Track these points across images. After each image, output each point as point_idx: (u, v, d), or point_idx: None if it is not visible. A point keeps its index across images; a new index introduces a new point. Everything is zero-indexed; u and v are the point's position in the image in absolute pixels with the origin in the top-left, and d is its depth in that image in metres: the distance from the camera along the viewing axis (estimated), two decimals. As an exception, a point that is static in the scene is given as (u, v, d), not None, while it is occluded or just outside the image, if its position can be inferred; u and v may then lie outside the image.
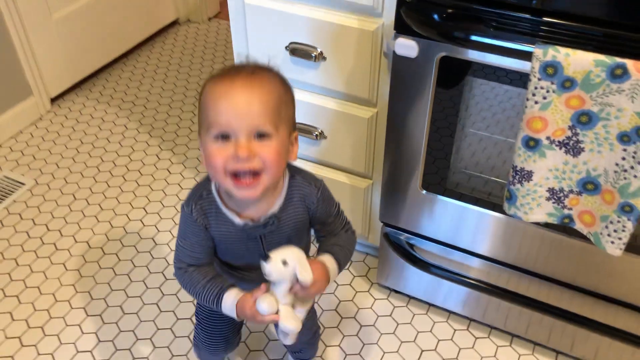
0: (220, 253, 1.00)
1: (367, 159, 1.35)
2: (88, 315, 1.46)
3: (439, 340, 1.42)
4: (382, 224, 1.40)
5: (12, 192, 1.81)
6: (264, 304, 0.88)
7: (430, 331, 1.44)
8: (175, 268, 0.98)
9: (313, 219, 0.99)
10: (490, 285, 1.35)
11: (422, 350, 1.40)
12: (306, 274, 0.88)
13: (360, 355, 1.39)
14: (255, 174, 0.84)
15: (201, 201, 0.93)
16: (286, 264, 0.87)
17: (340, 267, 0.97)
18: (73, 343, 1.40)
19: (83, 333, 1.42)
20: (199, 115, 0.87)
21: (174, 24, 2.68)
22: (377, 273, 1.50)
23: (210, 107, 0.83)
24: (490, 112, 1.13)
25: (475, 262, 1.33)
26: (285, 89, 0.88)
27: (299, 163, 1.45)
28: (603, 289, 1.20)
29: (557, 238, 1.17)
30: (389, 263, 1.45)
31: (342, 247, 0.99)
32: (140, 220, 1.71)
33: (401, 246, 1.40)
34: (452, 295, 1.41)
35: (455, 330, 1.44)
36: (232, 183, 0.84)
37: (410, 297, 1.51)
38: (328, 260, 0.95)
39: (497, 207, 1.19)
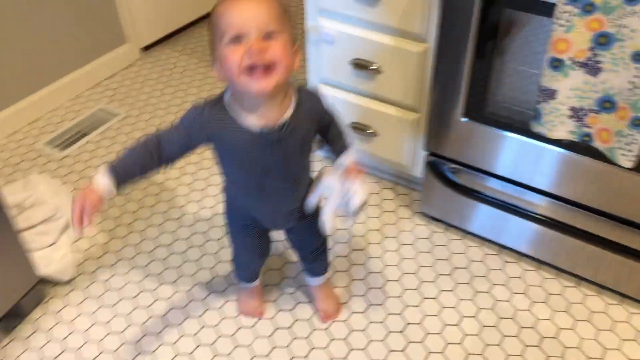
0: (236, 169, 1.11)
1: (417, 92, 1.53)
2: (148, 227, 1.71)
3: (471, 261, 1.58)
4: (426, 153, 1.57)
5: (107, 121, 2.10)
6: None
7: (464, 253, 1.60)
8: (153, 133, 1.06)
9: (322, 128, 1.14)
10: (528, 212, 1.48)
11: (455, 267, 1.56)
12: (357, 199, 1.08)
13: (398, 267, 1.57)
14: (267, 68, 0.95)
15: (213, 111, 1.02)
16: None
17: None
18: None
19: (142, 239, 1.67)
20: (212, 32, 0.98)
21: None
22: (420, 201, 1.68)
23: (223, 17, 0.94)
24: (527, 45, 1.28)
25: (512, 190, 1.48)
26: (284, 9, 0.99)
27: (354, 98, 1.65)
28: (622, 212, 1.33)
29: (590, 164, 1.31)
30: (431, 191, 1.62)
31: (343, 138, 1.17)
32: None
33: (443, 174, 1.57)
34: (489, 222, 1.56)
35: (486, 254, 1.60)
36: (247, 78, 0.95)
37: (449, 225, 1.67)
38: (351, 154, 1.14)
39: (531, 134, 1.34)
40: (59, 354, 1.38)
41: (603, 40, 1.09)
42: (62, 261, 1.55)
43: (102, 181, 1.02)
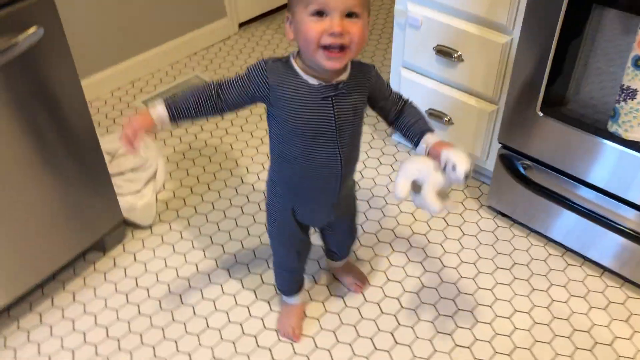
0: (291, 125, 1.07)
1: (497, 84, 1.53)
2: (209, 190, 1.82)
3: (532, 259, 1.57)
4: (500, 146, 1.57)
5: (200, 87, 2.23)
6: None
7: (526, 250, 1.59)
8: (214, 81, 1.09)
9: (376, 96, 1.13)
10: (597, 216, 1.45)
11: (515, 263, 1.56)
12: (461, 168, 1.01)
13: (458, 255, 1.59)
14: (342, 48, 0.97)
15: (279, 63, 1.05)
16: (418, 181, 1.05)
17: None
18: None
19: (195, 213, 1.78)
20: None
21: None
22: (489, 195, 1.68)
23: None
24: (612, 43, 1.26)
25: (582, 191, 1.45)
26: None
27: (433, 84, 1.68)
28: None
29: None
30: (500, 185, 1.62)
31: (424, 118, 1.16)
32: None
33: (514, 168, 1.57)
34: (555, 222, 1.54)
35: (550, 254, 1.58)
36: (323, 54, 0.97)
37: (515, 221, 1.67)
38: (438, 139, 1.11)
39: (607, 135, 1.32)
40: (132, 290, 1.51)
41: (692, 42, 1.06)
42: (144, 208, 1.69)
43: (158, 109, 1.06)
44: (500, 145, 1.57)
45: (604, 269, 1.53)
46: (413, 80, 1.71)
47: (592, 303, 1.46)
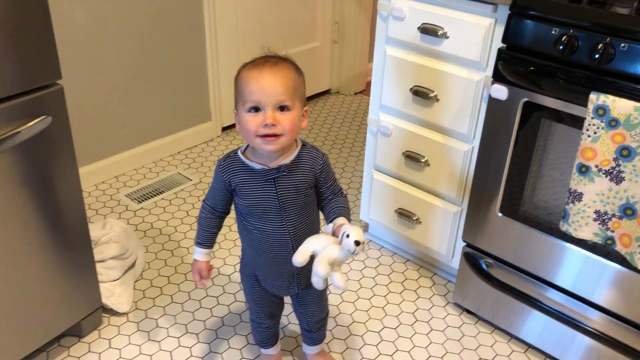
0: (244, 205, 1.25)
1: (460, 187, 1.68)
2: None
3: (496, 354, 1.64)
4: (464, 245, 1.69)
5: (182, 184, 2.34)
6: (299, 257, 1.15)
7: (491, 346, 1.66)
8: (203, 201, 1.33)
9: (318, 182, 1.27)
10: (555, 312, 1.54)
11: (480, 359, 1.62)
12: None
13: (426, 349, 1.64)
14: (277, 136, 1.15)
15: (228, 159, 1.25)
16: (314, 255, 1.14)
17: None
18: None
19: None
20: (236, 94, 1.18)
21: (327, 92, 3.25)
22: (454, 292, 1.77)
23: (245, 87, 1.14)
24: (559, 152, 1.43)
25: (543, 289, 1.56)
26: (299, 74, 1.20)
27: (403, 186, 1.82)
28: (644, 321, 1.38)
29: (625, 273, 1.39)
30: (465, 282, 1.71)
31: (346, 208, 1.27)
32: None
33: (478, 266, 1.67)
34: (518, 319, 1.63)
35: (513, 350, 1.65)
36: (261, 140, 1.15)
37: (480, 318, 1.75)
38: (344, 221, 1.21)
39: (560, 235, 1.45)
40: (105, 376, 1.52)
41: (625, 153, 1.23)
42: (122, 295, 1.73)
43: (197, 252, 1.35)
44: (464, 243, 1.69)
45: (565, 365, 1.60)
46: (384, 181, 1.86)
47: (554, 398, 1.52)
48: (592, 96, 1.24)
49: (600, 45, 1.24)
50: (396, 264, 1.97)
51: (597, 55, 1.25)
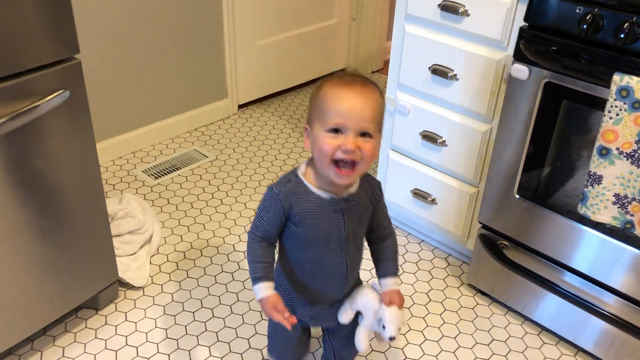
0: (305, 236, 1.13)
1: (477, 168, 1.66)
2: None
3: (510, 336, 1.64)
4: (480, 226, 1.68)
5: (198, 160, 2.35)
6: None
7: (505, 328, 1.66)
8: (250, 232, 1.16)
9: (375, 210, 1.20)
10: (570, 294, 1.53)
11: (493, 339, 1.62)
12: (391, 328, 1.17)
13: (439, 329, 1.65)
14: (353, 164, 1.04)
15: (289, 184, 1.11)
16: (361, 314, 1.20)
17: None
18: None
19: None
20: (314, 109, 1.07)
21: (343, 70, 3.22)
22: (469, 273, 1.76)
23: (330, 106, 1.03)
24: (580, 134, 1.41)
25: (558, 272, 1.55)
26: (383, 102, 1.10)
27: (419, 166, 1.81)
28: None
29: (635, 254, 1.38)
30: (480, 264, 1.71)
31: (395, 257, 1.25)
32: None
33: (494, 248, 1.66)
34: (532, 301, 1.62)
35: (526, 332, 1.65)
36: (334, 170, 1.04)
37: (493, 300, 1.74)
38: (395, 282, 1.22)
39: (577, 218, 1.44)
40: (121, 348, 1.54)
41: (648, 135, 1.20)
42: (138, 269, 1.75)
43: (266, 290, 1.13)
44: (480, 225, 1.68)
45: (578, 348, 1.60)
46: (400, 162, 1.84)
47: (566, 381, 1.52)
48: (616, 77, 1.21)
49: (626, 25, 1.21)
50: (411, 244, 1.97)
51: (622, 35, 1.22)
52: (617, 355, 1.49)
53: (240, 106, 2.77)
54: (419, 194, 1.83)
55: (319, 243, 1.14)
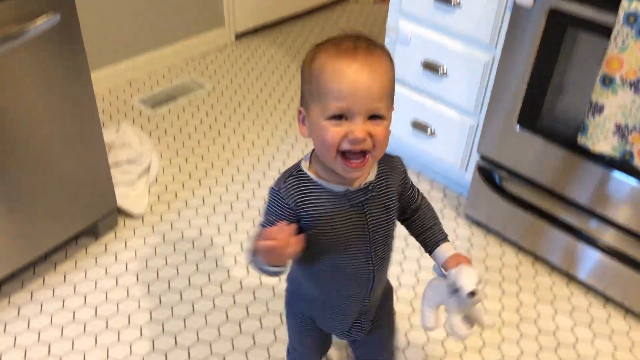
0: (319, 241, 0.91)
1: (478, 98, 1.64)
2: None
3: (504, 265, 1.66)
4: (478, 158, 1.67)
5: (195, 90, 2.32)
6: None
7: (499, 258, 1.69)
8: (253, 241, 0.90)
9: (402, 193, 0.99)
10: (567, 225, 1.54)
11: (487, 267, 1.65)
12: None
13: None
14: (364, 153, 0.84)
15: (291, 179, 0.90)
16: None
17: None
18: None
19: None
20: (309, 87, 0.84)
21: (345, 0, 3.13)
22: (466, 204, 1.78)
23: (328, 84, 0.81)
24: (583, 63, 1.38)
25: (554, 203, 1.55)
26: (393, 69, 0.86)
27: (419, 97, 1.78)
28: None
29: (632, 184, 1.38)
30: (477, 195, 1.71)
31: (438, 222, 1.03)
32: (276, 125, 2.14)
33: (491, 179, 1.67)
34: (527, 231, 1.64)
35: (521, 262, 1.68)
36: (342, 163, 0.84)
37: (489, 230, 1.76)
38: (450, 247, 1.00)
39: (577, 150, 1.43)
40: (121, 274, 1.57)
41: (653, 64, 1.18)
42: (137, 198, 1.76)
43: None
44: (479, 156, 1.67)
45: (571, 277, 1.63)
46: (400, 92, 1.81)
47: (557, 308, 1.55)
48: (624, 2, 1.17)
49: (637, -54, 1.16)
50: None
51: (633, -42, 1.17)
52: (609, 285, 1.52)
53: (238, 37, 2.70)
54: (418, 125, 1.81)
55: (338, 248, 0.92)
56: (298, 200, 0.89)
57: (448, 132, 1.76)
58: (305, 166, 0.91)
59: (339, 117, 0.81)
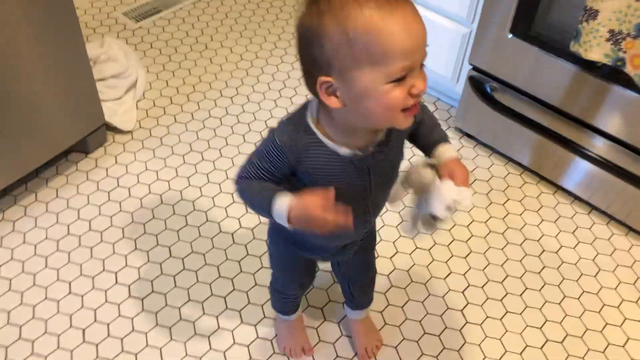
0: None
1: (472, 5, 1.59)
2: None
3: (492, 176, 1.68)
4: (469, 68, 1.65)
5: (181, 2, 2.24)
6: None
7: (488, 169, 1.70)
8: (237, 178, 0.88)
9: (416, 130, 0.93)
10: (557, 137, 1.54)
11: (476, 179, 1.67)
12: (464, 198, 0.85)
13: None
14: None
15: (297, 134, 0.82)
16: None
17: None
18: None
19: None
20: (351, 49, 0.71)
21: None
22: (456, 116, 1.77)
23: (391, 45, 0.70)
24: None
25: (545, 113, 1.55)
26: None
27: None
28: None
29: (625, 94, 1.37)
30: (467, 106, 1.70)
31: (438, 125, 0.96)
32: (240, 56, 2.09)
33: (483, 90, 1.65)
34: (517, 142, 1.64)
35: (509, 172, 1.70)
36: (403, 117, 0.76)
37: (479, 142, 1.77)
38: (451, 148, 0.93)
39: (571, 58, 1.40)
40: (113, 189, 1.58)
41: (651, -35, 1.14)
42: (125, 113, 1.74)
43: (283, 201, 0.82)
44: (470, 67, 1.65)
45: (558, 187, 1.65)
46: (391, 1, 1.76)
47: (543, 216, 1.58)
48: None
49: None
50: (400, 88, 1.95)
51: None
52: (594, 194, 1.55)
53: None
54: (409, 36, 1.77)
55: (337, 201, 0.83)
56: (299, 158, 0.83)
57: (440, 42, 1.72)
58: (313, 122, 0.82)
59: (402, 77, 0.73)
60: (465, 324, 1.35)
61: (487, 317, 1.36)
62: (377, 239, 1.31)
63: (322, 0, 0.71)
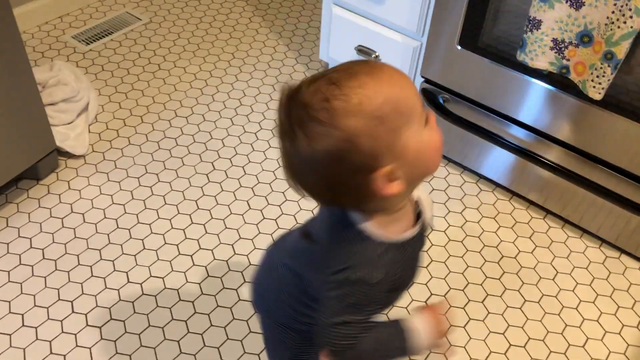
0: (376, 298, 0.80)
1: (421, 19, 1.62)
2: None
3: (449, 185, 1.71)
4: (422, 81, 1.68)
5: (131, 24, 2.21)
6: None
7: (444, 178, 1.73)
8: (343, 350, 0.79)
9: None
10: (510, 144, 1.57)
11: (433, 189, 1.69)
12: None
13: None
14: None
15: (382, 257, 0.77)
16: None
17: None
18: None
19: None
20: (388, 125, 0.69)
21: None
22: (411, 128, 1.79)
23: (407, 99, 0.70)
24: (523, -21, 1.37)
25: (497, 122, 1.58)
26: None
27: (362, 21, 1.75)
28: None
29: (573, 101, 1.41)
30: (422, 118, 1.73)
31: None
32: (229, 62, 2.08)
33: (436, 101, 1.68)
34: (471, 152, 1.68)
35: (465, 181, 1.72)
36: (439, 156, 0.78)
37: (450, 161, 1.78)
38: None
39: (517, 67, 1.44)
40: (67, 215, 1.54)
41: (588, -24, 1.18)
42: (77, 138, 1.70)
43: (412, 321, 0.82)
44: (422, 80, 1.67)
45: (513, 193, 1.69)
46: (344, 17, 1.78)
47: (500, 223, 1.61)
48: None
49: None
50: (355, 102, 1.96)
51: None
52: (549, 199, 1.59)
53: (173, -36, 2.57)
54: (363, 51, 1.79)
55: (394, 296, 0.85)
56: (388, 275, 0.78)
57: (392, 56, 1.74)
58: (376, 234, 0.77)
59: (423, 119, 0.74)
60: (429, 334, 1.35)
61: (450, 325, 1.37)
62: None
63: (319, 115, 0.68)
